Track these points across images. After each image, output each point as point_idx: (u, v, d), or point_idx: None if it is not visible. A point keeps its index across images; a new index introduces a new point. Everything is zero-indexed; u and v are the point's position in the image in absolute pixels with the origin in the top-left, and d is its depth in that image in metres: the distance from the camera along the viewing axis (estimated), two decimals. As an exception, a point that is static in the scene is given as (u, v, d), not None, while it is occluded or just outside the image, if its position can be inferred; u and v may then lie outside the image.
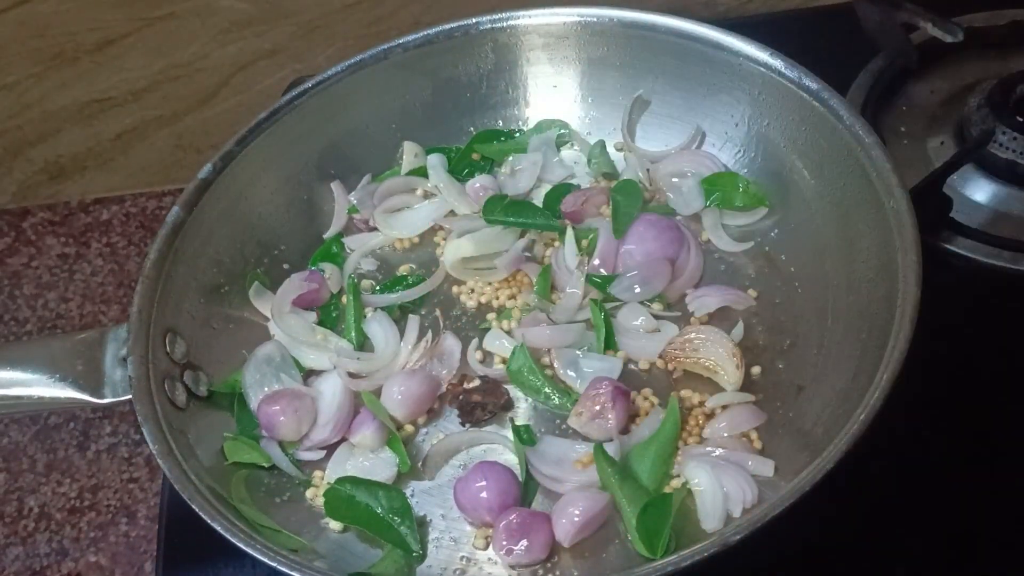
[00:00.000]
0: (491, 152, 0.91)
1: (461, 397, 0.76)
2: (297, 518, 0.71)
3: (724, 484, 0.66)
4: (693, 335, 0.75)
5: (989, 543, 0.69)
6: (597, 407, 0.71)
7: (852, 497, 0.66)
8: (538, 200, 0.88)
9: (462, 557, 0.68)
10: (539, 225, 0.84)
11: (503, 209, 0.84)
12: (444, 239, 0.87)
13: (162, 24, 1.02)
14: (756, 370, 0.74)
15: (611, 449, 0.69)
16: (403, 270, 0.86)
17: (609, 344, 0.77)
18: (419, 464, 0.73)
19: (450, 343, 0.79)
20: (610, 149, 0.90)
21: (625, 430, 0.72)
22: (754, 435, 0.71)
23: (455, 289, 0.84)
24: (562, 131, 0.91)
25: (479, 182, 0.88)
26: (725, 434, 0.70)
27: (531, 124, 0.92)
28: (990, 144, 0.85)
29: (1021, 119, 0.85)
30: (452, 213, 0.88)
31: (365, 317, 0.81)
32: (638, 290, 0.79)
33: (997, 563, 0.68)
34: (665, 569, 0.58)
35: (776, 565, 0.67)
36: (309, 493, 0.73)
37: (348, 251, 0.87)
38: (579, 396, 0.73)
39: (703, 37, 0.83)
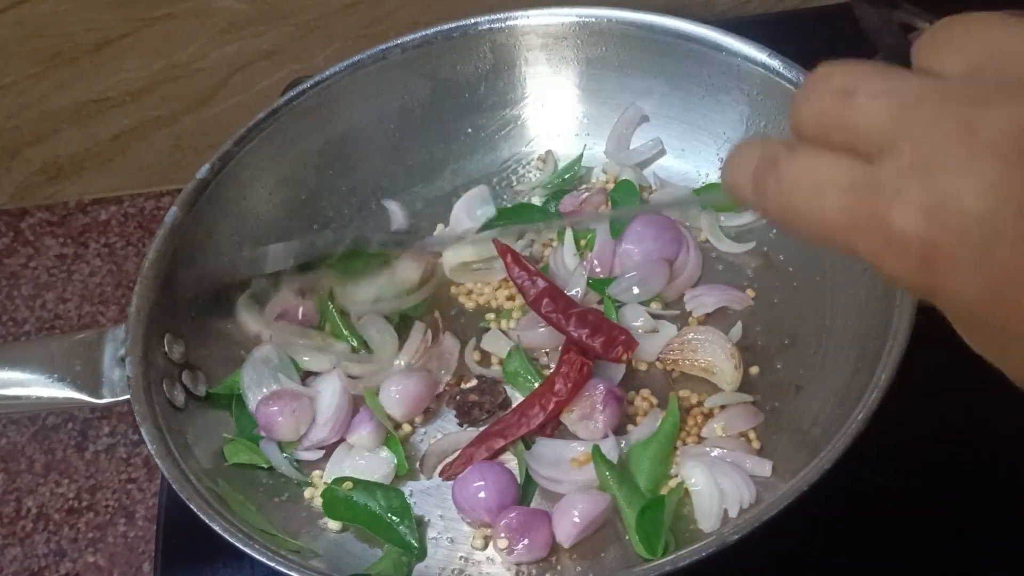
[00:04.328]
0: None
1: (458, 397, 0.76)
2: (296, 518, 0.71)
3: (721, 484, 0.66)
4: (691, 336, 0.75)
5: (988, 543, 0.69)
6: (588, 407, 0.71)
7: (850, 497, 0.66)
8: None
9: (460, 557, 0.68)
10: (538, 224, 0.83)
11: (500, 214, 0.84)
12: (443, 240, 0.87)
13: (160, 24, 1.02)
14: (754, 370, 0.74)
15: (608, 448, 0.69)
16: (402, 270, 0.86)
17: (608, 344, 0.77)
18: (417, 464, 0.73)
19: (448, 343, 0.79)
20: (608, 150, 0.89)
21: (623, 430, 0.72)
22: (752, 435, 0.71)
23: (453, 290, 0.83)
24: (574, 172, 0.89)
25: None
26: (723, 434, 0.70)
27: (530, 124, 0.91)
28: (989, 144, 0.85)
29: (1020, 119, 0.85)
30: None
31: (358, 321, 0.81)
32: (636, 291, 0.78)
33: (996, 563, 0.68)
34: (663, 569, 0.58)
35: (774, 565, 0.67)
36: (307, 493, 0.73)
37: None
38: (577, 397, 0.73)
39: (702, 37, 0.83)
